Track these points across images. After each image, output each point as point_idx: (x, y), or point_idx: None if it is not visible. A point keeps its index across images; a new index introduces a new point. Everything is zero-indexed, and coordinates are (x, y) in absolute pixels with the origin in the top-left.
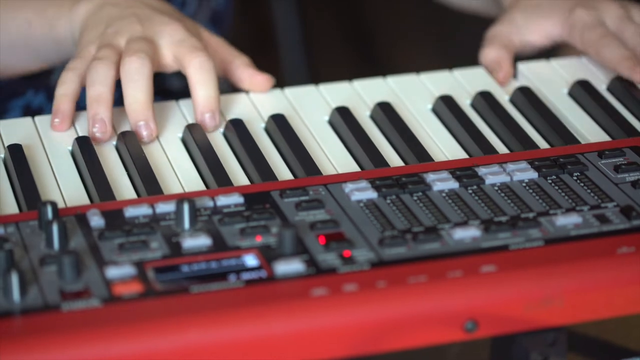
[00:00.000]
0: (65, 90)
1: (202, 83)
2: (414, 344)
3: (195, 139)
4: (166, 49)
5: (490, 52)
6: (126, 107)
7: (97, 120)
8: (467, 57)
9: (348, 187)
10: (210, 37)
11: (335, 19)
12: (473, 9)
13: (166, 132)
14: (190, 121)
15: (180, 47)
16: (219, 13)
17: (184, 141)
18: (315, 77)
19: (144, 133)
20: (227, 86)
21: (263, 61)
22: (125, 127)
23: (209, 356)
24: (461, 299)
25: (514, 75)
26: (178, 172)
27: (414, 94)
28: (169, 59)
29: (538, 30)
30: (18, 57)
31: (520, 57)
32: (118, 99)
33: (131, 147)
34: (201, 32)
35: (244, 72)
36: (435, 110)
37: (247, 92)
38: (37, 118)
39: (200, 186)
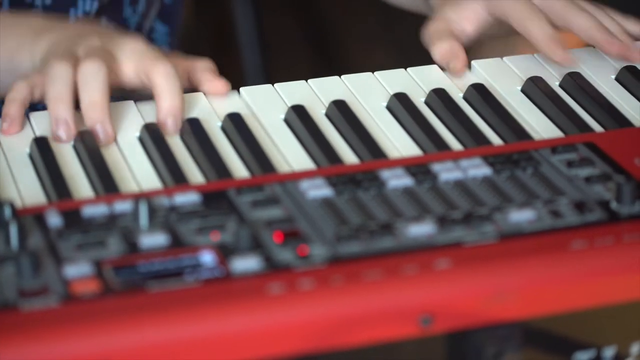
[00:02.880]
0: (14, 96)
1: (167, 92)
2: (371, 339)
3: (152, 138)
4: (126, 62)
5: (442, 45)
6: (82, 110)
7: (61, 122)
8: (423, 56)
9: (304, 184)
10: (170, 53)
11: (293, 20)
12: (405, 6)
13: (123, 132)
14: (148, 121)
15: (143, 59)
16: (168, 8)
17: (141, 140)
18: (274, 77)
19: (101, 135)
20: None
21: (223, 62)
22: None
23: (167, 354)
24: (416, 294)
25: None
26: (135, 171)
27: (369, 92)
28: (130, 72)
29: (467, 17)
30: None
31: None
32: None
33: (88, 146)
34: (161, 50)
35: (203, 75)
36: (389, 108)
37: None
38: None
39: (157, 185)
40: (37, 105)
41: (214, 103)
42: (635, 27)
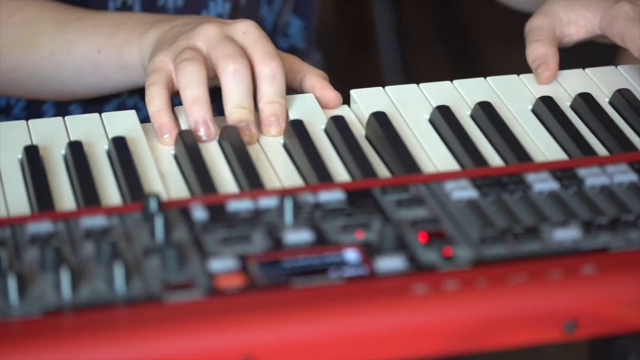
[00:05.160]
0: (158, 106)
1: (270, 95)
2: (513, 343)
3: (297, 135)
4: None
5: (538, 48)
6: (228, 112)
7: (201, 123)
8: (562, 59)
9: (449, 185)
10: (283, 53)
11: (430, 18)
12: (522, 7)
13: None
14: (293, 118)
15: (254, 50)
16: (303, 1)
17: (284, 138)
18: (411, 75)
19: (245, 133)
20: None
21: (362, 59)
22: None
23: (310, 351)
24: (561, 299)
25: None
26: (278, 167)
27: (515, 94)
28: None
29: (578, 21)
30: (85, 83)
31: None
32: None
33: (233, 142)
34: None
35: (318, 82)
36: (535, 111)
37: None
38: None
39: (300, 182)
40: None
41: (360, 102)
42: None
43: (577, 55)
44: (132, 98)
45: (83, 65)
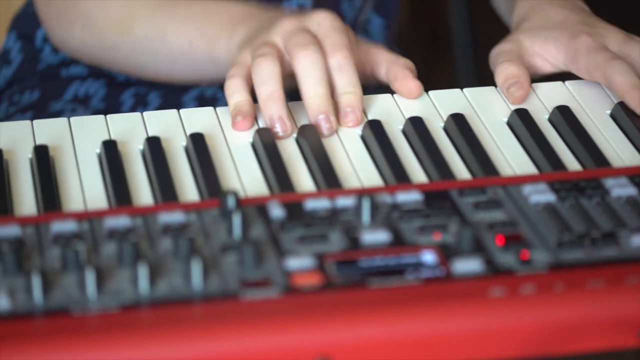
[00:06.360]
0: (238, 98)
1: (342, 86)
2: (589, 348)
3: (375, 135)
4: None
5: (510, 67)
6: (305, 102)
7: (276, 119)
8: None
9: (527, 188)
10: (367, 44)
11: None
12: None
13: (345, 128)
14: (369, 117)
15: (324, 42)
16: (384, 1)
17: (362, 138)
18: (485, 78)
19: (325, 126)
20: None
21: (436, 61)
22: (304, 120)
23: (385, 351)
24: (638, 305)
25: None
26: (357, 167)
27: (593, 99)
28: None
29: (542, 54)
30: (178, 71)
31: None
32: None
33: (311, 140)
34: (357, 39)
35: (400, 72)
36: (613, 116)
37: (427, 91)
38: (219, 109)
39: (379, 182)
40: None
41: (436, 102)
42: None
43: None
44: (211, 88)
45: (176, 55)
